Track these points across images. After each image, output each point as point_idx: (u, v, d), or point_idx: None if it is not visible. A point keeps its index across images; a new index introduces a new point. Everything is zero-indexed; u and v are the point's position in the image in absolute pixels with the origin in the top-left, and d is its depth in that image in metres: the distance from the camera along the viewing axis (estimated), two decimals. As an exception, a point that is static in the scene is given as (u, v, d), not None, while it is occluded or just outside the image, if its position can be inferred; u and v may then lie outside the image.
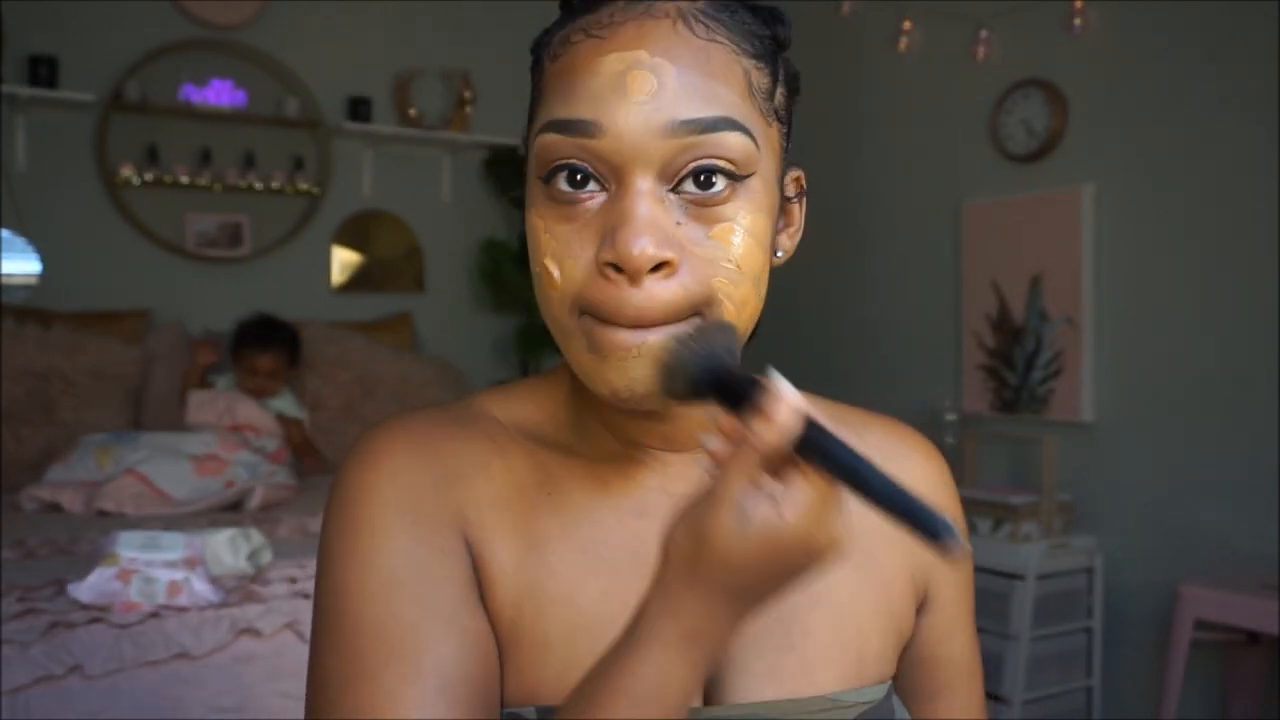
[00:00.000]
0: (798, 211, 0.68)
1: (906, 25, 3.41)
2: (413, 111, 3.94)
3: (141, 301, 3.51)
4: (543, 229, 0.60)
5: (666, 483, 0.68)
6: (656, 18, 0.58)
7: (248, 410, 3.03)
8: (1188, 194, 2.73)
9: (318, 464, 3.21)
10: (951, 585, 0.75)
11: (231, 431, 2.92)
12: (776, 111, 0.63)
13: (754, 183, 0.60)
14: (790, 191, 0.67)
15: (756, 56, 0.61)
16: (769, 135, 0.62)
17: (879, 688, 0.68)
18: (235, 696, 1.73)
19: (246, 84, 3.71)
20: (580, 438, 0.69)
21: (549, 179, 0.60)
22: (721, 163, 0.58)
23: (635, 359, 0.58)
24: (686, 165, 0.58)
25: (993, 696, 2.76)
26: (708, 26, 0.59)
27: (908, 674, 0.74)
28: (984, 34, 3.19)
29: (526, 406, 0.70)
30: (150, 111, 3.55)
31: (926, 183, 3.42)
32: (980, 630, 2.93)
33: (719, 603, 0.53)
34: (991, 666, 2.76)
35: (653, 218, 0.57)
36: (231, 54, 3.71)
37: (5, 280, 3.35)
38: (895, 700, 0.69)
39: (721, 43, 0.59)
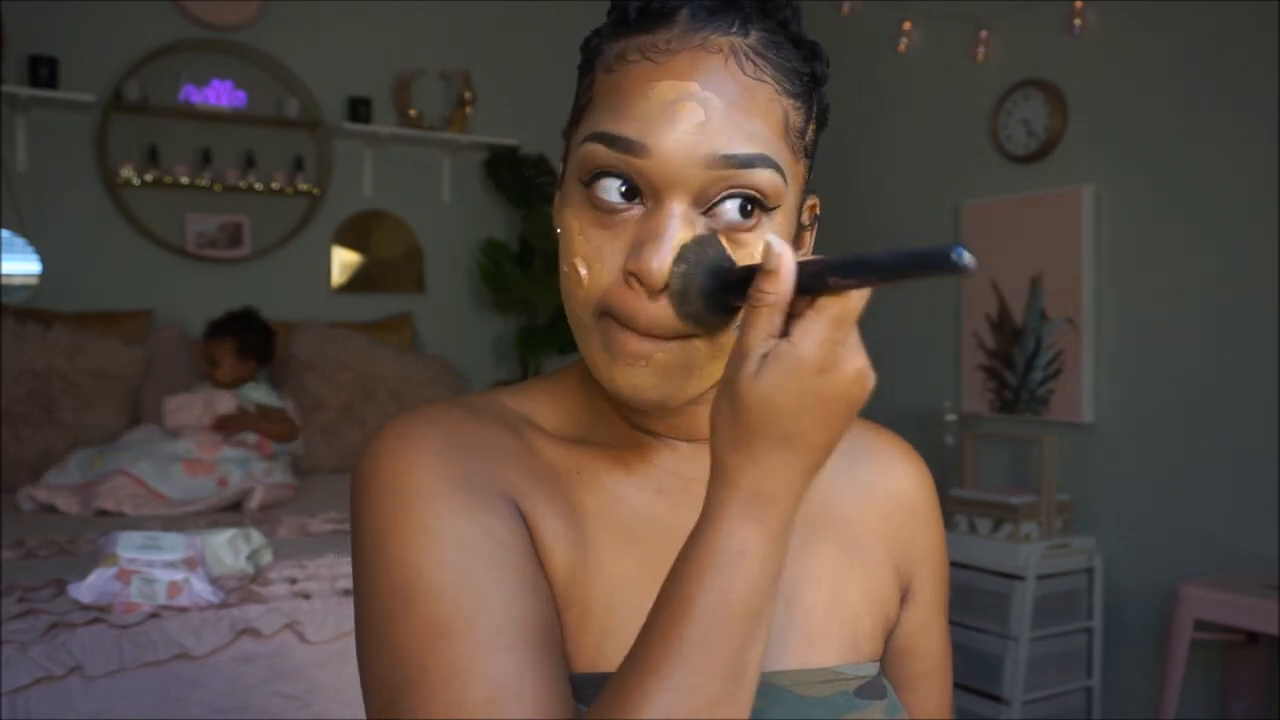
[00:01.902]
0: (809, 238, 0.72)
1: (906, 25, 3.41)
2: (413, 112, 3.93)
3: (142, 302, 3.51)
4: (577, 230, 0.64)
5: (679, 466, 0.72)
6: (710, 52, 0.62)
7: (225, 403, 3.04)
8: (1188, 194, 2.73)
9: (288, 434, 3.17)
10: (930, 578, 0.80)
11: (209, 431, 2.91)
12: (806, 148, 0.67)
13: (778, 215, 0.64)
14: (805, 219, 0.71)
15: (795, 95, 0.65)
16: (796, 170, 0.66)
17: (871, 665, 0.72)
18: (235, 696, 1.73)
19: (246, 84, 3.71)
20: (596, 429, 0.72)
21: (591, 183, 0.63)
22: (753, 193, 0.62)
23: (643, 367, 0.62)
24: (720, 193, 0.62)
25: (993, 697, 2.76)
26: (756, 65, 0.63)
27: (890, 665, 0.79)
28: (984, 34, 3.19)
29: (539, 403, 0.73)
30: (150, 112, 3.55)
31: (926, 183, 3.42)
32: (980, 630, 2.93)
33: (769, 455, 0.54)
34: (991, 666, 2.76)
35: (681, 239, 0.60)
36: (231, 54, 3.71)
37: (5, 280, 3.35)
38: (884, 678, 0.73)
39: (766, 82, 0.63)
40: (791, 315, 0.54)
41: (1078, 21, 2.93)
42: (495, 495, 0.64)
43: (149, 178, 3.54)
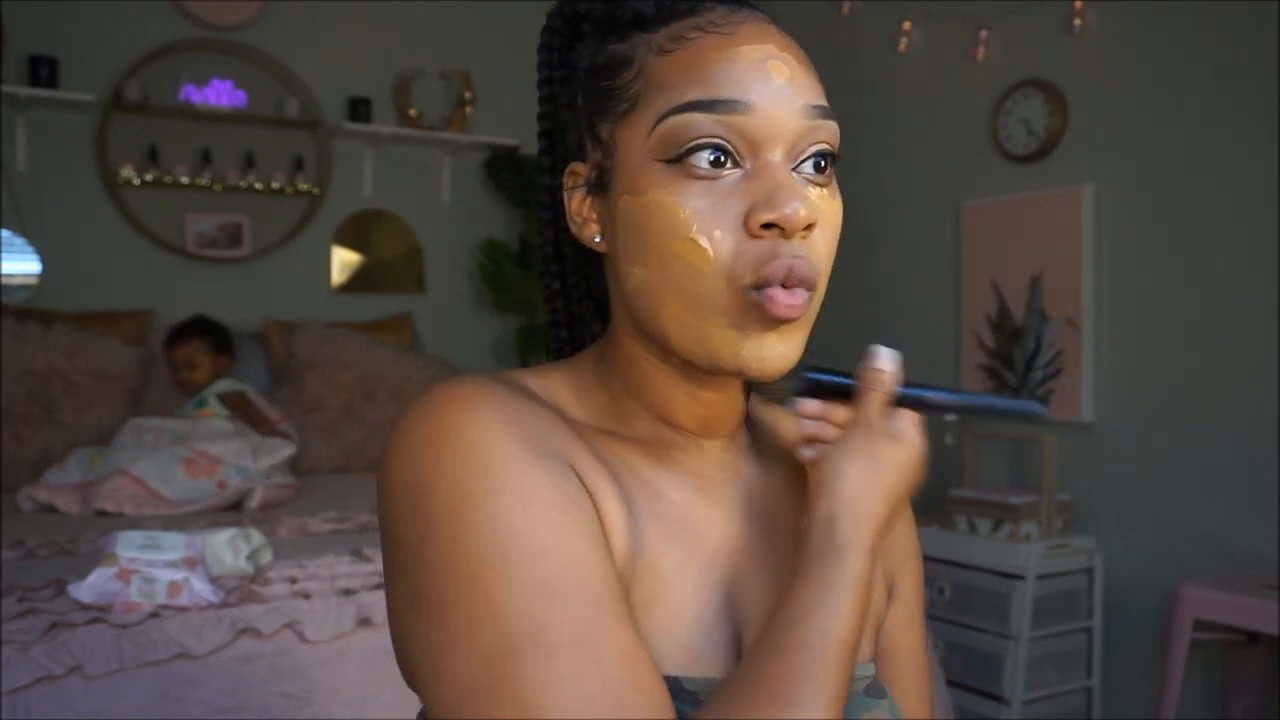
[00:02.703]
0: None
1: (906, 25, 3.41)
2: (413, 111, 3.94)
3: (142, 301, 3.51)
4: (679, 205, 0.62)
5: (704, 465, 0.71)
6: (764, 21, 0.66)
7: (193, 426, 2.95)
8: (1188, 194, 2.73)
9: (270, 429, 3.06)
10: (911, 578, 0.81)
11: (197, 454, 2.81)
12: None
13: (836, 171, 0.68)
14: None
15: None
16: None
17: (870, 664, 0.73)
18: (235, 696, 1.73)
19: (246, 84, 3.71)
20: (618, 421, 0.70)
21: (682, 158, 0.62)
22: (830, 147, 0.65)
23: (784, 331, 0.64)
24: (808, 148, 0.64)
25: (993, 696, 2.76)
26: (789, 34, 0.67)
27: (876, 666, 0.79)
28: (984, 34, 3.19)
29: (565, 389, 0.71)
30: (150, 111, 3.56)
31: (926, 183, 3.42)
32: (980, 630, 2.93)
33: (886, 505, 0.67)
34: (991, 666, 2.76)
35: (797, 185, 0.63)
36: (231, 54, 3.71)
37: (5, 280, 3.35)
38: (878, 681, 0.74)
39: (803, 49, 0.67)
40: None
41: (1078, 21, 2.93)
42: (564, 465, 0.62)
43: (149, 178, 3.54)
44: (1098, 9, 2.92)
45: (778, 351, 0.64)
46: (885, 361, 0.70)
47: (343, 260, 3.93)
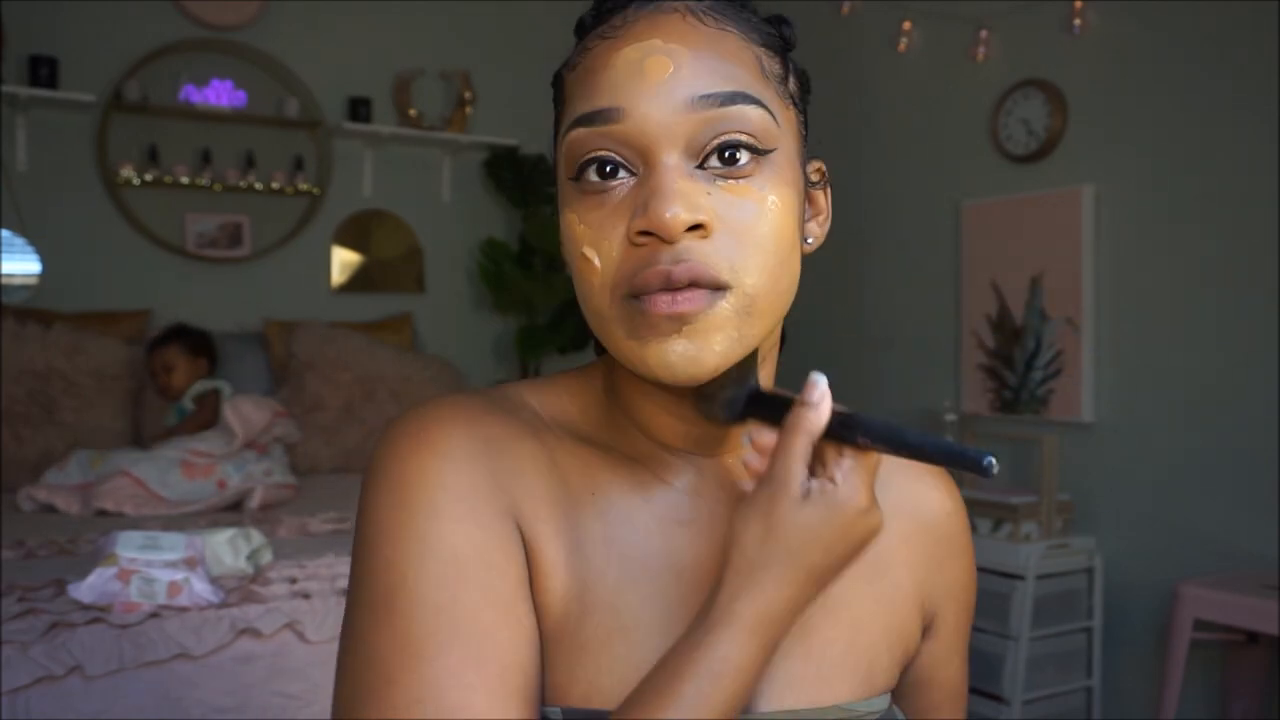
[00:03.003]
0: (824, 199, 0.70)
1: (906, 25, 3.41)
2: (413, 111, 3.94)
3: (141, 301, 3.51)
4: (576, 221, 0.62)
5: (701, 486, 0.69)
6: (666, 13, 0.62)
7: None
8: (1188, 194, 2.73)
9: (206, 424, 3.05)
10: (955, 611, 0.77)
11: (193, 454, 2.83)
12: (792, 97, 0.66)
13: (777, 158, 0.62)
14: (814, 179, 0.69)
15: (766, 46, 0.64)
16: (787, 116, 0.64)
17: (884, 698, 0.70)
18: (235, 696, 1.73)
19: (246, 84, 3.71)
20: (616, 436, 0.69)
21: (579, 175, 0.61)
22: (743, 137, 0.60)
23: (675, 337, 0.59)
24: (710, 141, 0.60)
25: (993, 696, 2.76)
26: (716, 19, 0.62)
27: (902, 694, 0.77)
28: (984, 34, 3.19)
29: (563, 400, 0.70)
30: (150, 111, 3.55)
31: (926, 183, 3.42)
32: (980, 630, 2.92)
33: (792, 581, 0.57)
34: (991, 666, 2.76)
35: (682, 188, 0.59)
36: (231, 54, 3.71)
37: (5, 280, 3.35)
38: (895, 710, 0.71)
39: (731, 31, 0.62)
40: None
41: (1078, 21, 2.93)
42: (499, 513, 0.62)
43: (149, 178, 3.54)
44: (1098, 9, 2.92)
45: (680, 353, 0.59)
46: (818, 395, 0.58)
47: (343, 260, 3.93)
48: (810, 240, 0.69)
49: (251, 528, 2.07)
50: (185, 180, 3.58)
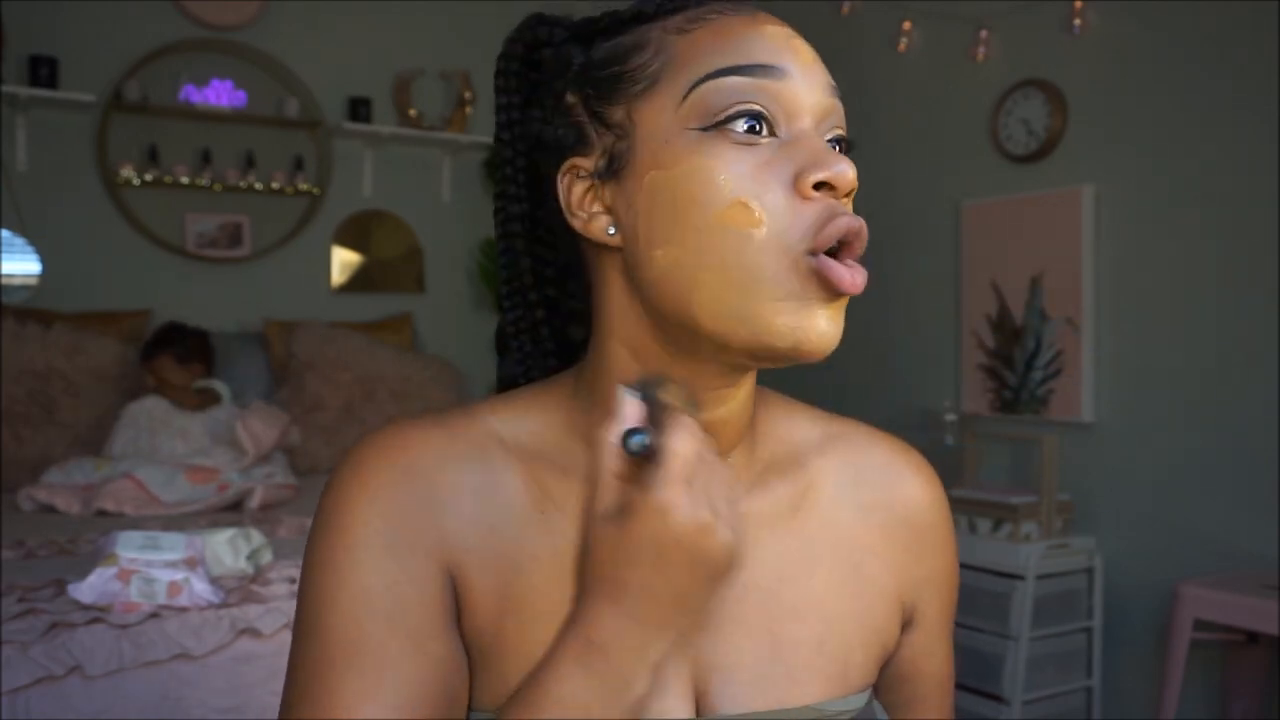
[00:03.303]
0: None
1: (906, 25, 3.41)
2: (413, 111, 3.94)
3: (141, 301, 3.51)
4: (718, 169, 0.59)
5: None
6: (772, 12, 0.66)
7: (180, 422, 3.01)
8: (1188, 194, 2.73)
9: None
10: (937, 602, 0.76)
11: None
12: None
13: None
14: None
15: None
16: None
17: (860, 696, 0.69)
18: (235, 696, 1.73)
19: (246, 84, 3.71)
20: (575, 450, 0.68)
21: (719, 125, 0.60)
22: (844, 134, 0.65)
23: (830, 308, 0.60)
24: (830, 129, 0.63)
25: (993, 696, 2.76)
26: None
27: (886, 687, 0.76)
28: (984, 34, 3.19)
29: (529, 416, 0.69)
30: (150, 111, 3.55)
31: (926, 183, 3.42)
32: (980, 630, 2.92)
33: (603, 601, 0.54)
34: (991, 666, 2.76)
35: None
36: (231, 54, 3.71)
37: (5, 280, 3.35)
38: (876, 706, 0.70)
39: None
40: None
41: (1078, 21, 2.93)
42: (421, 552, 0.63)
43: (149, 178, 3.54)
44: (1098, 9, 2.92)
45: (826, 327, 0.59)
46: (622, 419, 0.55)
47: (343, 260, 3.93)
48: None
49: (251, 528, 2.07)
50: (185, 180, 3.58)
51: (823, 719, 0.66)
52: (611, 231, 0.64)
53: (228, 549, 1.92)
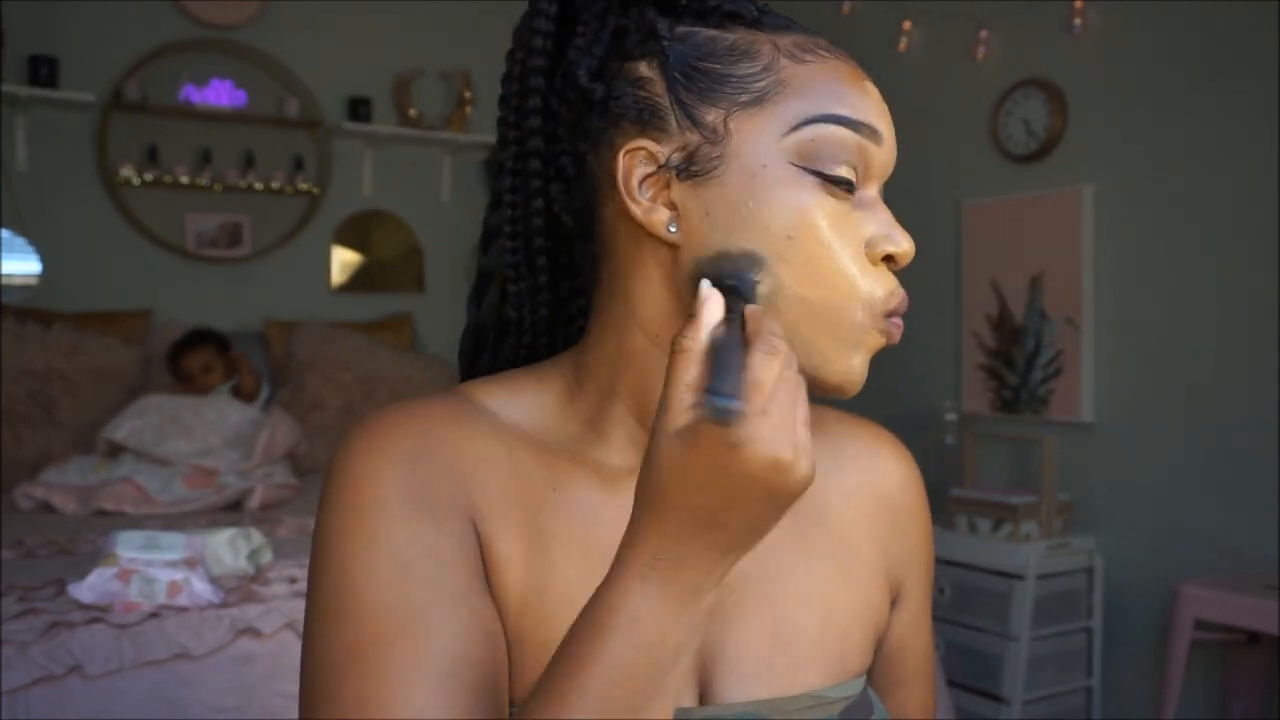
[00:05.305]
0: None
1: (906, 25, 3.41)
2: (413, 111, 3.94)
3: (141, 301, 3.51)
4: (815, 213, 0.62)
5: None
6: None
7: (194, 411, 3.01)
8: (1188, 194, 2.73)
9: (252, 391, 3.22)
10: (920, 578, 0.77)
11: (196, 470, 2.83)
12: None
13: None
14: None
15: None
16: None
17: (858, 681, 0.69)
18: (235, 696, 1.73)
19: (246, 84, 3.71)
20: (588, 432, 0.68)
21: (820, 171, 0.62)
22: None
23: (864, 353, 0.65)
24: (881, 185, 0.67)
25: (993, 696, 2.76)
26: None
27: (877, 668, 0.76)
28: (984, 34, 3.19)
29: (525, 398, 0.69)
30: (150, 111, 3.55)
31: (926, 183, 3.42)
32: (980, 630, 2.92)
33: (676, 523, 0.51)
34: (991, 666, 2.76)
35: None
36: (231, 54, 3.71)
37: (5, 280, 3.35)
38: (870, 691, 0.71)
39: None
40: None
41: (1078, 21, 2.93)
42: (452, 512, 0.62)
43: (149, 177, 3.54)
44: (1098, 9, 2.92)
45: (861, 368, 0.66)
46: (710, 310, 0.53)
47: (343, 260, 3.93)
48: None
49: (251, 528, 2.07)
50: (185, 180, 3.58)
51: (824, 705, 0.67)
52: (673, 230, 0.62)
53: (228, 549, 1.92)
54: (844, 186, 0.62)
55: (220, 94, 3.66)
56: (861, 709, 0.68)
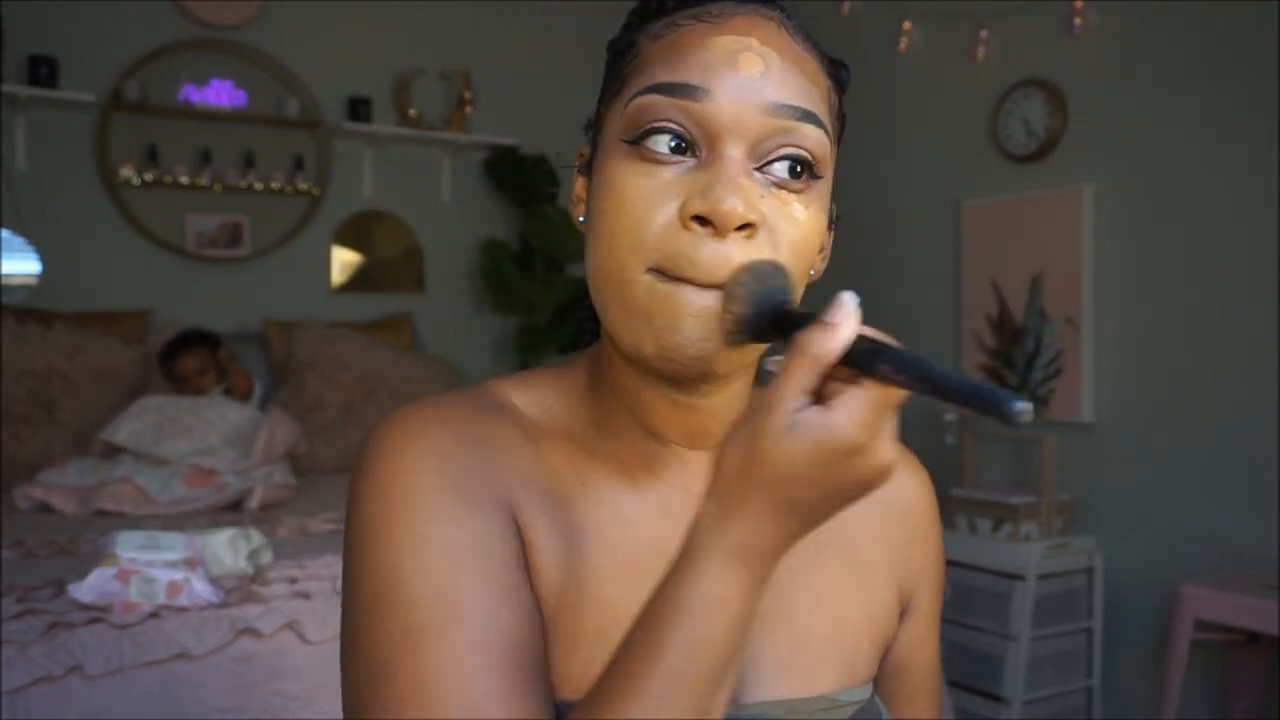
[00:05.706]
0: (829, 238, 0.71)
1: (906, 25, 3.41)
2: (413, 111, 3.93)
3: (141, 301, 3.51)
4: (621, 180, 0.61)
5: (688, 480, 0.69)
6: (764, 17, 0.64)
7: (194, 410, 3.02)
8: (1187, 194, 2.73)
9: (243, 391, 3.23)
10: (929, 592, 0.78)
11: (195, 470, 2.83)
12: (839, 136, 0.68)
13: (821, 186, 0.64)
14: (832, 216, 0.71)
15: (833, 80, 0.68)
16: (833, 151, 0.66)
17: (866, 687, 0.70)
18: (235, 696, 1.73)
19: (246, 84, 3.71)
20: (602, 432, 0.69)
21: (639, 140, 0.61)
22: (805, 154, 0.62)
23: (692, 319, 0.59)
24: (775, 150, 0.61)
25: (993, 696, 2.76)
26: (804, 41, 0.66)
27: (883, 680, 0.76)
28: (984, 34, 3.19)
29: (547, 397, 0.70)
30: (150, 111, 3.55)
31: (926, 183, 3.42)
32: (980, 630, 2.92)
33: (771, 514, 0.52)
34: (991, 666, 2.76)
35: (743, 183, 0.60)
36: (231, 54, 3.71)
37: (5, 280, 3.35)
38: (877, 699, 0.71)
39: (814, 57, 0.66)
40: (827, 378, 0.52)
41: (1078, 21, 2.93)
42: (493, 503, 0.62)
43: (149, 177, 3.54)
44: (1098, 9, 2.92)
45: (694, 337, 0.59)
46: (840, 315, 0.52)
47: (343, 260, 3.93)
48: (813, 271, 0.69)
49: (251, 528, 2.07)
50: (185, 180, 3.58)
51: (836, 708, 0.67)
52: (582, 220, 0.67)
53: (227, 549, 1.92)
54: (674, 151, 0.60)
55: (220, 94, 3.66)
56: (870, 714, 0.69)
